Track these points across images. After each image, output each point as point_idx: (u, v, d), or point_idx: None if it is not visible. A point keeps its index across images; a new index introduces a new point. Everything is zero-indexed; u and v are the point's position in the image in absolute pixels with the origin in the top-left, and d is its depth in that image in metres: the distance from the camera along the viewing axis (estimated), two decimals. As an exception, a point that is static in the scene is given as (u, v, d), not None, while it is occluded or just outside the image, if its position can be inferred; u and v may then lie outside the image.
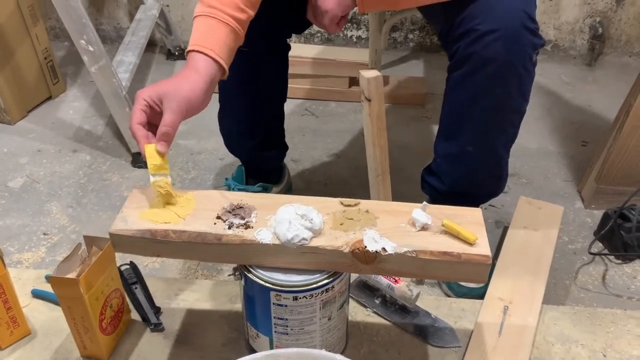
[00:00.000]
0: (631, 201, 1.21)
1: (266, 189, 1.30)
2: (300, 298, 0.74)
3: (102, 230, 1.13)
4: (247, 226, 0.75)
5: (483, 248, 0.73)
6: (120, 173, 1.49)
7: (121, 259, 0.94)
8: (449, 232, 0.75)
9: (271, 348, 0.81)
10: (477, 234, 0.73)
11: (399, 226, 0.76)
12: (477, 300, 1.01)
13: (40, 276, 1.02)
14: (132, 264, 1.02)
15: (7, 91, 1.64)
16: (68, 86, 1.91)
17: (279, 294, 0.74)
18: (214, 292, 1.01)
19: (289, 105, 1.31)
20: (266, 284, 0.74)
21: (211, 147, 1.59)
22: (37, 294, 0.98)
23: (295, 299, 0.74)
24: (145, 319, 0.94)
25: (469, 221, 0.76)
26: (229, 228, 0.75)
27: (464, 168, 1.03)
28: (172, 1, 2.11)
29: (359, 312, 0.97)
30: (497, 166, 1.06)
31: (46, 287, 0.95)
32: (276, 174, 1.34)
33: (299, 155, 1.57)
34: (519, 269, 1.06)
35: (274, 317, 0.77)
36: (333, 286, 0.76)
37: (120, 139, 1.59)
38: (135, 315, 0.95)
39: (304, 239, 0.72)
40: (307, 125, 1.72)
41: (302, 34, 2.12)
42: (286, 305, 0.75)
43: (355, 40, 2.19)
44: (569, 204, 1.39)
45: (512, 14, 0.86)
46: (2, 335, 0.88)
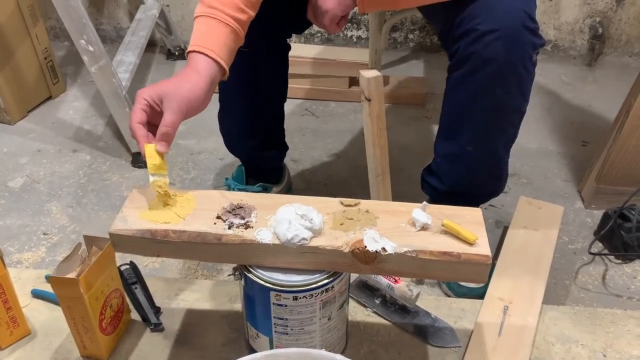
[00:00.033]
0: (631, 201, 1.21)
1: (266, 189, 1.30)
2: (300, 298, 0.74)
3: (102, 230, 1.12)
4: (247, 226, 0.75)
5: (483, 248, 0.73)
6: (120, 173, 1.49)
7: (121, 259, 0.94)
8: (448, 232, 0.74)
9: (271, 348, 0.81)
10: (477, 234, 0.73)
11: (399, 226, 0.76)
12: (477, 300, 1.01)
13: (40, 276, 1.02)
14: (132, 264, 1.02)
15: (7, 91, 1.64)
16: (68, 86, 1.91)
17: (279, 294, 0.74)
18: (214, 292, 1.01)
19: (289, 105, 1.31)
20: (266, 284, 0.74)
21: (211, 147, 1.59)
22: (37, 294, 0.98)
23: (295, 299, 0.74)
24: (145, 319, 0.94)
25: (469, 221, 0.76)
26: (229, 228, 0.75)
27: (464, 168, 1.03)
28: (172, 1, 2.11)
29: (359, 312, 0.97)
30: (497, 166, 1.06)
31: (46, 287, 0.95)
32: (276, 174, 1.34)
33: (299, 155, 1.57)
34: (519, 269, 1.06)
35: (274, 317, 0.77)
36: (333, 286, 0.76)
37: (120, 139, 1.59)
38: (135, 315, 0.95)
39: (303, 239, 0.72)
40: (307, 125, 1.72)
41: (302, 34, 2.12)
42: (286, 305, 0.75)
43: (355, 40, 2.19)
44: (569, 204, 1.39)
45: (512, 13, 0.86)
46: (2, 335, 0.88)
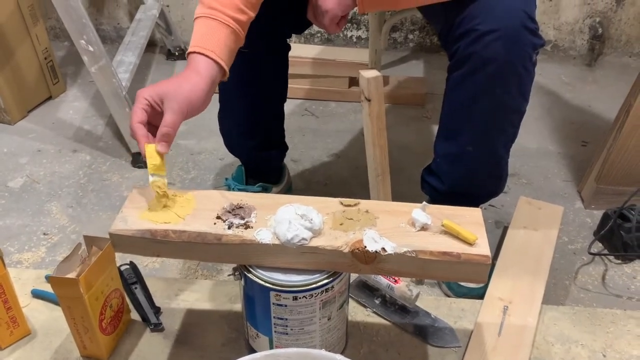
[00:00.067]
0: (631, 201, 1.21)
1: (266, 189, 1.30)
2: (300, 298, 0.74)
3: (102, 230, 1.13)
4: (247, 226, 0.75)
5: (483, 248, 0.73)
6: (120, 173, 1.49)
7: (121, 259, 0.94)
8: (448, 232, 0.75)
9: (271, 348, 0.81)
10: (476, 234, 0.73)
11: (398, 226, 0.76)
12: (477, 300, 1.01)
13: (40, 276, 1.02)
14: (132, 264, 1.02)
15: (7, 91, 1.64)
16: (68, 86, 1.91)
17: (279, 294, 0.74)
18: (214, 292, 1.01)
19: (289, 105, 1.31)
20: (266, 284, 0.74)
21: (211, 147, 1.59)
22: (37, 294, 0.98)
23: (295, 298, 0.74)
24: (145, 319, 0.94)
25: (469, 221, 0.76)
26: (229, 228, 0.75)
27: (463, 168, 1.03)
28: (172, 1, 2.11)
29: (359, 312, 0.97)
30: (497, 166, 1.06)
31: (46, 287, 0.95)
32: (276, 174, 1.34)
33: (299, 155, 1.57)
34: (518, 269, 1.06)
35: (273, 317, 0.77)
36: (333, 286, 0.76)
37: (120, 139, 1.59)
38: (135, 315, 0.95)
39: (303, 239, 0.72)
40: (307, 126, 1.72)
41: (302, 34, 2.12)
42: (286, 305, 0.75)
43: (355, 41, 2.19)
44: (569, 204, 1.39)
45: (512, 14, 0.86)
46: (2, 335, 0.88)
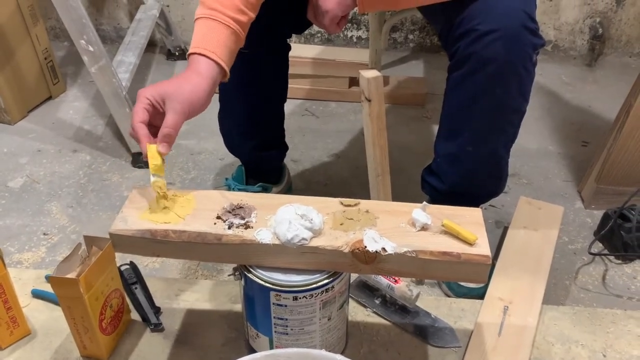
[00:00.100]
0: (631, 201, 1.21)
1: (266, 189, 1.30)
2: (300, 298, 0.74)
3: (102, 230, 1.13)
4: (247, 226, 0.75)
5: (483, 248, 0.73)
6: (120, 173, 1.49)
7: (121, 259, 0.94)
8: (448, 232, 0.74)
9: (271, 348, 0.81)
10: (477, 234, 0.73)
11: (399, 226, 0.76)
12: (477, 300, 1.01)
13: (40, 276, 1.02)
14: (132, 264, 1.02)
15: (7, 91, 1.64)
16: (68, 86, 1.91)
17: (279, 294, 0.74)
18: (214, 292, 1.01)
19: (289, 106, 1.31)
20: (266, 284, 0.74)
21: (211, 147, 1.59)
22: (37, 294, 0.98)
23: (295, 299, 0.74)
24: (145, 319, 0.94)
25: (469, 221, 0.76)
26: (229, 228, 0.75)
27: (464, 168, 1.03)
28: (173, 1, 2.12)
29: (359, 312, 0.97)
30: (497, 166, 1.06)
31: (46, 287, 0.95)
32: (276, 174, 1.34)
33: (299, 156, 1.57)
34: (519, 269, 1.06)
35: (273, 317, 0.77)
36: (333, 286, 0.76)
37: (120, 139, 1.59)
38: (135, 315, 0.95)
39: (303, 239, 0.72)
40: (307, 126, 1.72)
41: (302, 34, 2.12)
42: (286, 305, 0.75)
43: (355, 41, 2.19)
44: (569, 204, 1.39)
45: (512, 14, 0.86)
46: (2, 335, 0.88)
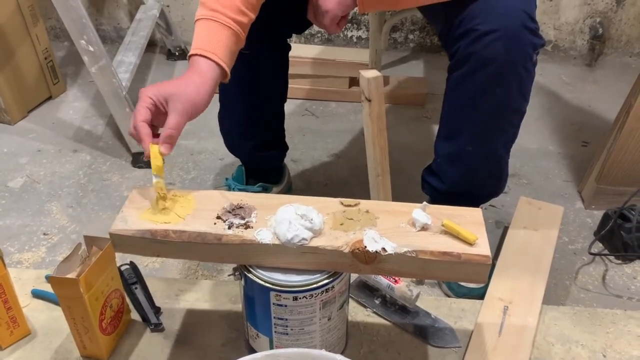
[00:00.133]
0: (631, 201, 1.21)
1: (266, 189, 1.30)
2: (300, 298, 0.74)
3: (102, 230, 1.13)
4: (247, 226, 0.75)
5: (483, 248, 0.73)
6: (120, 173, 1.49)
7: (121, 259, 0.94)
8: (449, 232, 0.74)
9: (271, 348, 0.81)
10: (477, 234, 0.73)
11: (399, 226, 0.76)
12: (477, 301, 1.01)
13: (41, 276, 1.02)
14: (132, 264, 1.02)
15: (7, 91, 1.64)
16: (68, 86, 1.91)
17: (279, 294, 0.74)
18: (214, 292, 1.01)
19: (289, 106, 1.31)
20: (266, 284, 0.74)
21: (211, 147, 1.59)
22: (37, 294, 0.98)
23: (295, 299, 0.74)
24: (145, 319, 0.94)
25: (469, 221, 0.76)
26: (229, 228, 0.75)
27: (464, 168, 1.03)
28: (173, 1, 2.12)
29: (359, 312, 0.97)
30: (497, 166, 1.06)
31: (46, 287, 0.95)
32: (276, 174, 1.34)
33: (299, 156, 1.57)
34: (519, 269, 1.06)
35: (274, 317, 0.77)
36: (333, 286, 0.76)
37: (120, 139, 1.59)
38: (135, 315, 0.95)
39: (304, 239, 0.72)
40: (308, 126, 1.72)
41: (302, 34, 2.12)
42: (286, 306, 0.75)
43: (355, 41, 2.19)
44: (569, 204, 1.39)
45: (512, 14, 0.86)
46: (2, 335, 0.88)
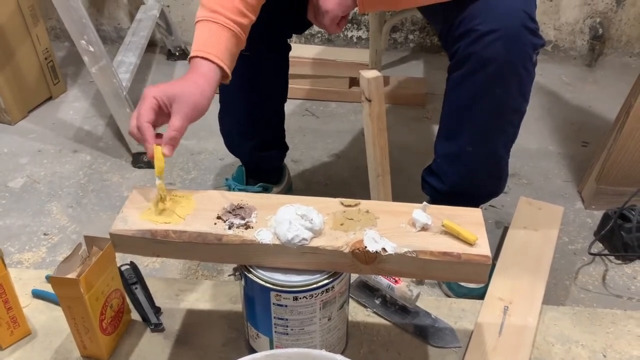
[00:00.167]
0: (631, 201, 1.21)
1: (266, 189, 1.30)
2: (300, 298, 0.74)
3: (102, 231, 1.12)
4: (247, 226, 0.75)
5: (483, 248, 0.73)
6: (120, 173, 1.49)
7: (121, 259, 0.94)
8: (449, 233, 0.75)
9: (271, 348, 0.81)
10: (477, 234, 0.73)
11: (399, 226, 0.76)
12: (477, 301, 1.01)
13: (41, 276, 1.02)
14: (132, 264, 1.02)
15: (7, 91, 1.64)
16: (68, 86, 1.91)
17: (279, 294, 0.74)
18: (214, 292, 1.01)
19: (289, 106, 1.31)
20: (266, 284, 0.74)
21: (211, 147, 1.59)
22: (38, 294, 0.98)
23: (295, 299, 0.74)
24: (145, 319, 0.94)
25: (469, 221, 0.76)
26: (229, 228, 0.75)
27: (464, 168, 1.03)
28: (173, 1, 2.12)
29: (359, 312, 0.97)
30: (497, 166, 1.06)
31: (46, 287, 0.95)
32: (276, 174, 1.35)
33: (300, 156, 1.57)
34: (519, 269, 1.06)
35: (274, 317, 0.77)
36: (333, 286, 0.76)
37: (120, 139, 1.59)
38: (135, 315, 0.95)
39: (304, 239, 0.72)
40: (308, 126, 1.72)
41: (302, 34, 2.12)
42: (286, 306, 0.75)
43: (355, 41, 2.19)
44: (569, 204, 1.39)
45: (512, 14, 0.86)
46: (2, 335, 0.88)
